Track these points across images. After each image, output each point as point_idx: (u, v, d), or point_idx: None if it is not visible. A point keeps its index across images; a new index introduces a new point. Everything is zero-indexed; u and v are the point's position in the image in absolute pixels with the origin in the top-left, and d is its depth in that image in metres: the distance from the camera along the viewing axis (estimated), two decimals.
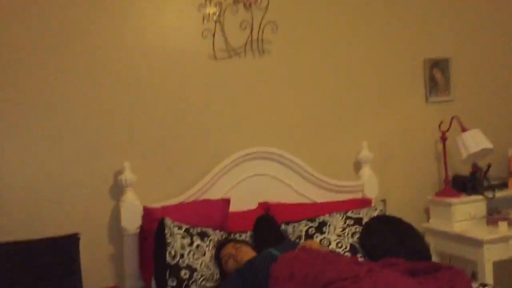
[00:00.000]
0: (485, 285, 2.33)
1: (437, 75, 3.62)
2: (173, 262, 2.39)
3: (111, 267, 2.79)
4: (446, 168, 3.41)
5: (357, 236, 2.72)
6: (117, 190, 2.79)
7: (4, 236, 2.37)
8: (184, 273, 2.37)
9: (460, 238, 3.14)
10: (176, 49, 2.97)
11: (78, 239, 2.12)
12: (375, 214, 2.89)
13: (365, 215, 2.85)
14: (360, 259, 2.43)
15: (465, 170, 3.49)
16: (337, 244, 2.67)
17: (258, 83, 3.15)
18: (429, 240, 3.39)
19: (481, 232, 3.09)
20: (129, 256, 2.74)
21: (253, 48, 3.12)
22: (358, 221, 2.80)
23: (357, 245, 2.68)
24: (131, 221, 2.71)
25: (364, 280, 1.96)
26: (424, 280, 2.23)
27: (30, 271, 1.95)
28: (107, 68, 2.81)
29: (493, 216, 3.25)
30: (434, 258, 3.35)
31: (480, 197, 3.30)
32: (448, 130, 3.40)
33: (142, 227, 2.72)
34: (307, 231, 2.73)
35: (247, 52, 3.11)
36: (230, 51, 3.07)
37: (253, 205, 2.99)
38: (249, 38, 3.09)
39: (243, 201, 2.96)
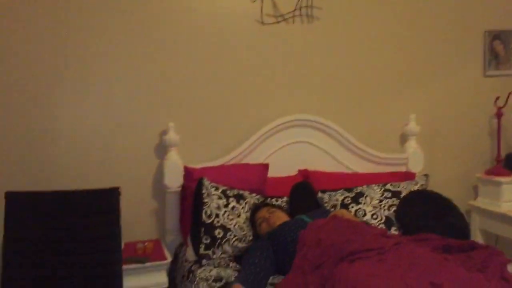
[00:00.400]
0: None
1: (498, 48, 3.42)
2: (208, 221, 2.48)
3: (153, 222, 2.95)
4: (499, 146, 3.26)
5: (394, 209, 2.69)
6: (162, 150, 2.91)
7: (56, 186, 2.55)
8: (218, 232, 2.47)
9: (507, 219, 3.03)
10: (224, 12, 2.99)
11: (119, 192, 2.25)
12: (415, 188, 2.84)
13: (405, 188, 2.81)
14: (389, 233, 2.41)
15: None
16: (372, 215, 2.66)
17: (305, 50, 3.13)
18: (475, 218, 3.30)
19: None
20: (170, 213, 2.87)
21: (301, 14, 3.08)
22: (396, 194, 2.76)
23: (393, 218, 2.66)
24: (173, 179, 2.83)
25: (389, 252, 1.96)
26: (457, 257, 2.19)
27: (73, 219, 2.11)
28: (155, 31, 2.89)
29: None
30: (479, 237, 3.26)
31: None
32: (504, 105, 3.23)
33: (183, 186, 2.83)
34: (343, 200, 2.73)
35: (295, 18, 3.08)
36: (278, 16, 3.06)
37: (293, 172, 3.02)
38: (298, 4, 3.05)
39: (283, 167, 3.00)
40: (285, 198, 2.80)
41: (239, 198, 2.63)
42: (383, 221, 2.65)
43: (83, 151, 2.81)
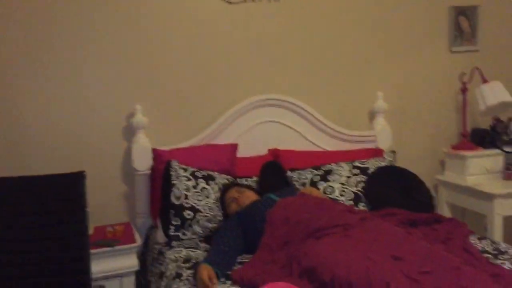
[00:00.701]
0: (484, 238, 2.31)
1: (463, 24, 3.46)
2: (177, 203, 2.48)
3: (124, 205, 2.93)
4: (464, 121, 3.33)
5: (362, 185, 2.73)
6: (130, 132, 2.88)
7: (21, 172, 2.51)
8: (188, 214, 2.47)
9: (472, 192, 3.10)
10: None
11: (84, 176, 2.21)
12: (383, 164, 2.88)
13: (372, 165, 2.84)
14: (356, 208, 2.46)
15: (485, 124, 3.40)
16: (340, 192, 2.70)
17: (272, 29, 3.11)
18: (442, 192, 3.38)
19: (494, 186, 3.04)
20: (140, 195, 2.86)
21: None
22: (364, 170, 2.80)
23: (361, 195, 2.70)
24: (142, 162, 2.81)
25: (355, 228, 2.00)
26: (421, 230, 2.25)
27: (37, 204, 2.08)
28: (121, 12, 2.83)
29: (509, 171, 3.18)
30: (447, 211, 3.35)
31: (497, 151, 3.22)
32: (469, 81, 3.28)
33: (152, 168, 2.82)
34: (312, 178, 2.76)
35: None
36: None
37: (263, 152, 3.03)
38: None
39: (253, 147, 3.00)
40: (254, 178, 2.81)
41: (208, 179, 2.63)
42: (351, 197, 2.68)
43: (48, 135, 2.76)
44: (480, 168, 3.19)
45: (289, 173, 2.83)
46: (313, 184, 2.73)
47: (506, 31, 3.58)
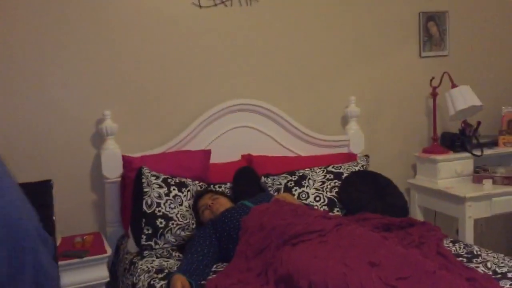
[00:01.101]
0: (457, 241, 2.33)
1: (432, 29, 3.51)
2: (149, 211, 2.42)
3: (93, 214, 2.84)
4: (435, 125, 3.37)
5: (336, 190, 2.72)
6: (99, 139, 2.80)
7: None
8: (160, 222, 2.41)
9: (444, 195, 3.14)
10: None
11: (51, 185, 2.13)
12: (356, 169, 2.88)
13: (346, 170, 2.84)
14: (331, 214, 2.44)
15: (455, 128, 3.45)
16: (315, 197, 2.68)
17: (244, 34, 3.08)
18: (415, 196, 3.40)
19: (464, 189, 3.08)
20: (110, 204, 2.78)
21: None
22: (338, 175, 2.80)
23: (335, 199, 2.69)
24: (112, 169, 2.73)
25: (330, 234, 1.98)
26: (396, 235, 2.25)
27: None
28: (89, 17, 2.76)
29: (478, 174, 3.23)
30: (419, 214, 3.38)
31: (467, 154, 3.27)
32: (439, 85, 3.33)
33: (123, 176, 2.74)
34: (286, 184, 2.74)
35: (233, 1, 3.02)
36: None
37: (236, 158, 2.99)
38: None
39: (226, 153, 2.96)
40: (228, 184, 2.77)
41: (181, 186, 2.57)
42: (325, 202, 2.68)
43: (13, 143, 2.66)
44: (450, 172, 3.24)
45: (263, 179, 2.80)
46: (288, 189, 2.70)
47: (474, 36, 3.65)
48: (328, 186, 2.73)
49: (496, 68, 3.73)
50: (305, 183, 2.74)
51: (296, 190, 2.71)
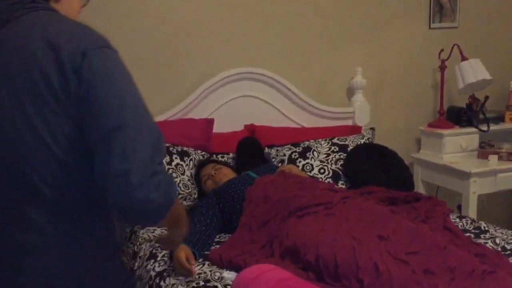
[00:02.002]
0: (464, 217, 2.30)
1: None
2: None
3: None
4: (442, 99, 3.30)
5: (341, 163, 2.68)
6: None
7: None
8: None
9: (448, 170, 3.10)
10: None
11: None
12: (362, 141, 2.83)
13: (351, 142, 2.79)
14: (337, 187, 2.40)
15: (461, 102, 3.38)
16: (319, 170, 2.64)
17: (249, 2, 2.97)
18: (418, 170, 3.36)
19: (469, 164, 3.03)
20: None
21: None
22: (343, 148, 2.74)
23: (340, 172, 2.65)
24: None
25: (337, 206, 1.94)
26: (402, 209, 2.22)
27: None
28: None
29: (484, 149, 3.18)
30: (421, 188, 3.34)
31: (473, 129, 3.21)
32: (448, 58, 3.25)
33: None
34: (290, 155, 2.69)
35: None
36: None
37: (239, 127, 2.93)
38: None
39: (229, 122, 2.89)
40: (231, 155, 2.72)
41: (183, 155, 2.52)
42: (330, 175, 2.63)
43: None
44: (456, 147, 3.19)
45: (267, 150, 2.74)
46: (292, 161, 2.66)
47: (486, 8, 3.54)
48: (333, 159, 2.68)
49: (506, 42, 3.63)
50: (309, 154, 2.69)
51: (300, 161, 2.66)
